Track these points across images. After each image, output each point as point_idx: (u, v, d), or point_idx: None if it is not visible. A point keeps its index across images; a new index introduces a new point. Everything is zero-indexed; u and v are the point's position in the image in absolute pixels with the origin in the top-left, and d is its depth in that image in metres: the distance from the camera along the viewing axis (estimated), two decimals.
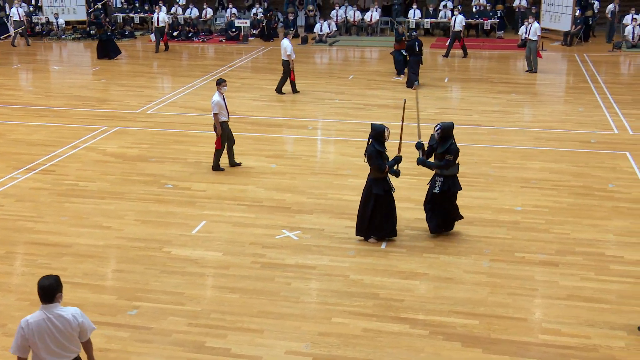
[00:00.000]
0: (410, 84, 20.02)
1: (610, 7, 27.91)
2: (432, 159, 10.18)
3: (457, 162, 9.95)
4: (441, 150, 9.87)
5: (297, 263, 9.47)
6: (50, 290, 5.60)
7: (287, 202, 11.58)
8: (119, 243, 10.15)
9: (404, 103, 10.20)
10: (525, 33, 25.66)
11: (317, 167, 13.40)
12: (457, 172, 10.05)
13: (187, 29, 30.15)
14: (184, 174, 12.92)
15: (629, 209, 11.17)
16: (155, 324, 8.09)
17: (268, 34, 29.46)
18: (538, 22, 23.38)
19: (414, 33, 20.89)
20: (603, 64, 23.44)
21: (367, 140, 9.84)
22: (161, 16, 26.67)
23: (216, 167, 13.08)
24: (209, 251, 9.84)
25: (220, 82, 12.88)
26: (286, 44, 18.77)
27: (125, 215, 11.11)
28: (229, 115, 13.09)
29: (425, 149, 10.12)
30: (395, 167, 9.83)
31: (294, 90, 19.31)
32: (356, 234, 10.10)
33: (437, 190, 9.99)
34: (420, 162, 10.06)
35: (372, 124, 9.83)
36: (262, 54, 26.69)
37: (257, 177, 12.78)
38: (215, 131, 12.90)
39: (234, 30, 29.65)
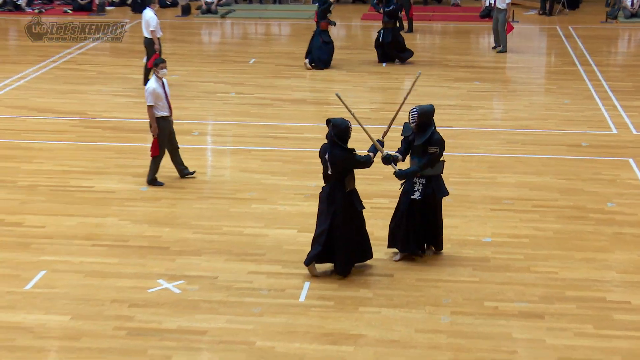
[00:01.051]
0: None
1: None
2: (404, 161, 10.60)
3: (442, 157, 10.43)
4: (420, 142, 10.27)
5: (179, 327, 9.32)
6: None
7: (165, 240, 11.43)
8: None
9: (417, 76, 11.41)
10: None
11: (206, 188, 13.30)
12: (442, 172, 10.53)
13: None
14: (12, 204, 12.63)
15: (634, 236, 11.49)
16: None
17: (142, 2, 29.10)
18: None
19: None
20: (595, 40, 24.25)
21: (327, 141, 10.02)
22: None
23: (152, 180, 13.28)
24: (51, 314, 9.57)
25: (157, 64, 13.06)
26: (149, 15, 18.53)
27: None
28: (170, 109, 13.13)
29: (395, 153, 10.43)
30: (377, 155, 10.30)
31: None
32: (345, 275, 10.27)
33: (417, 196, 10.41)
34: (399, 175, 10.33)
35: (329, 119, 10.07)
36: (126, 30, 26.40)
37: (121, 205, 12.59)
38: (150, 130, 13.05)
39: None
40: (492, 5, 26.95)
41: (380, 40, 21.28)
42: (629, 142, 15.29)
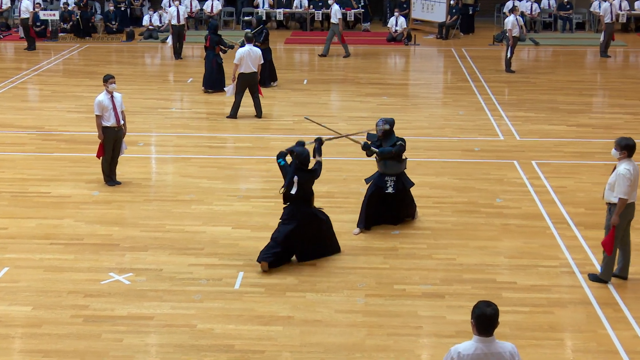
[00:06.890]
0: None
1: None
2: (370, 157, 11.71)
3: (404, 157, 11.49)
4: (388, 146, 11.35)
5: (129, 313, 9.27)
6: (494, 320, 5.72)
7: (115, 238, 11.33)
8: None
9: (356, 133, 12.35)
10: (395, 26, 26.84)
11: (151, 192, 13.21)
12: (406, 168, 11.60)
13: None
14: None
15: (519, 227, 11.77)
16: None
17: (84, 29, 28.74)
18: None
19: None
20: (484, 60, 24.68)
21: (293, 169, 10.22)
22: (24, 4, 25.47)
23: (107, 180, 13.36)
24: (14, 305, 9.44)
25: (107, 79, 13.07)
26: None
27: None
28: (117, 120, 13.03)
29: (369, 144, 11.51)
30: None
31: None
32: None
33: (391, 190, 11.38)
34: (381, 152, 11.33)
35: (292, 150, 10.36)
36: (76, 53, 26.01)
37: (76, 207, 12.43)
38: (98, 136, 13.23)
39: (39, 24, 28.71)
40: (396, 31, 27.51)
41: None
42: (514, 147, 15.63)
